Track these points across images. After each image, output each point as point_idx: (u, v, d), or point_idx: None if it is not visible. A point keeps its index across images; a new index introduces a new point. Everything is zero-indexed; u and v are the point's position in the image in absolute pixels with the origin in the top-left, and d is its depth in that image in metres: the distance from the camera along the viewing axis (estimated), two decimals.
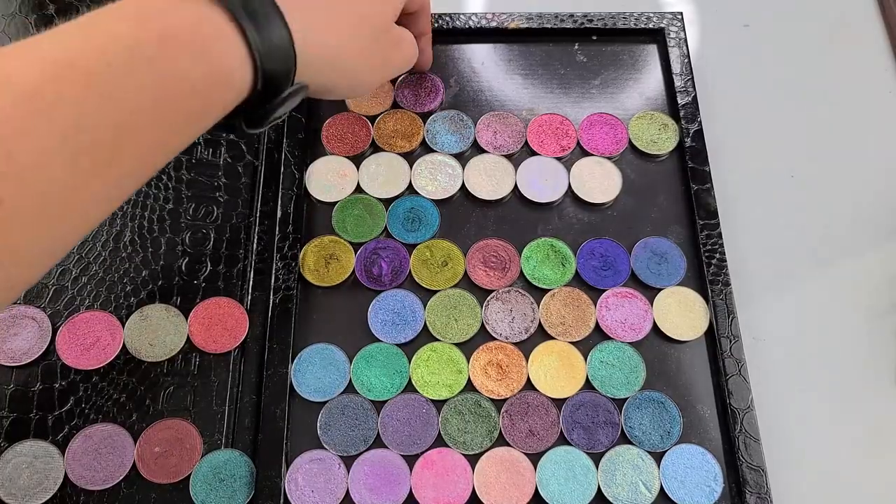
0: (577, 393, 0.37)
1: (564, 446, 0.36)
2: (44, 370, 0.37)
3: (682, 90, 0.44)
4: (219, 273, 0.40)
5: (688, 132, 0.43)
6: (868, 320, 0.41)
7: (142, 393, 0.37)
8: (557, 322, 0.39)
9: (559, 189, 0.43)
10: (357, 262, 0.40)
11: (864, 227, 0.43)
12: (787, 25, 0.50)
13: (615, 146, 0.44)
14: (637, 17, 0.47)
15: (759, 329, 0.41)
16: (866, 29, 0.50)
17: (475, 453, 0.36)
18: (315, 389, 0.38)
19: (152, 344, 0.38)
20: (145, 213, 0.41)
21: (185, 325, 0.38)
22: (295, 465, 0.36)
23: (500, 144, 0.44)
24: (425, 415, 0.37)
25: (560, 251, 0.41)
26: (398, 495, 0.35)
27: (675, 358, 0.39)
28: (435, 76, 0.46)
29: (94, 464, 0.35)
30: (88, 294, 0.39)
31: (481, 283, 0.40)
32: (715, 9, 0.51)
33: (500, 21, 0.47)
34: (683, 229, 0.42)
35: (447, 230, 0.42)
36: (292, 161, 0.42)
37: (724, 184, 0.44)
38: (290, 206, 0.41)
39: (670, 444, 0.36)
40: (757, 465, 0.35)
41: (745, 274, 0.42)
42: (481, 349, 0.38)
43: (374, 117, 0.45)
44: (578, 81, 0.46)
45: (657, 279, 0.40)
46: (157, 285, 0.39)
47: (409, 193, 0.43)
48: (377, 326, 0.39)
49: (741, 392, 0.37)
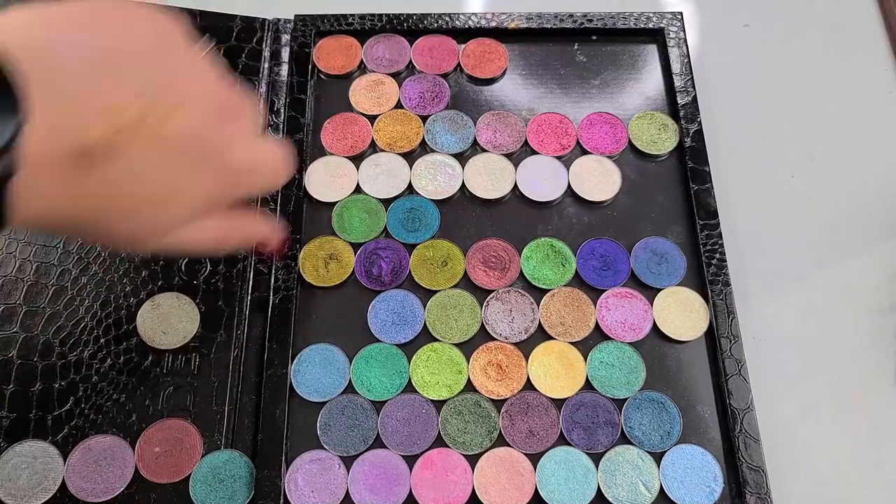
0: (577, 393, 0.37)
1: (564, 446, 0.36)
2: (43, 370, 0.37)
3: (682, 90, 0.44)
4: (219, 273, 0.40)
5: (688, 132, 0.43)
6: (868, 320, 0.41)
7: (142, 393, 0.37)
8: (557, 322, 0.39)
9: (559, 188, 0.43)
10: (357, 262, 0.40)
11: (864, 227, 0.43)
12: (787, 25, 0.50)
13: (615, 146, 0.44)
14: (637, 17, 0.47)
15: (759, 329, 0.40)
16: (866, 29, 0.50)
17: (475, 453, 0.36)
18: (315, 389, 0.38)
19: (165, 332, 0.38)
20: None
21: (197, 313, 0.38)
22: (295, 465, 0.36)
23: (499, 143, 0.44)
24: (425, 415, 0.37)
25: (560, 251, 0.41)
26: (398, 495, 0.35)
27: (675, 358, 0.39)
28: (441, 80, 0.46)
29: (95, 476, 0.35)
30: (88, 294, 0.39)
31: (481, 283, 0.40)
32: (715, 9, 0.51)
33: (500, 21, 0.47)
34: (683, 229, 0.42)
35: (447, 230, 0.42)
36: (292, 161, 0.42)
37: (724, 184, 0.44)
38: (290, 206, 0.41)
39: (670, 444, 0.36)
40: (757, 465, 0.35)
41: (745, 274, 0.42)
42: (481, 349, 0.38)
43: (374, 117, 0.45)
44: (578, 81, 0.46)
45: (657, 279, 0.40)
46: (157, 285, 0.39)
47: (409, 193, 0.43)
48: (377, 326, 0.39)
49: (741, 392, 0.37)
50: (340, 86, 0.46)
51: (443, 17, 0.47)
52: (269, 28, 0.47)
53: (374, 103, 0.45)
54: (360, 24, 0.47)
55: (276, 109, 0.44)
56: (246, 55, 0.46)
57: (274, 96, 0.45)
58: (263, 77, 0.45)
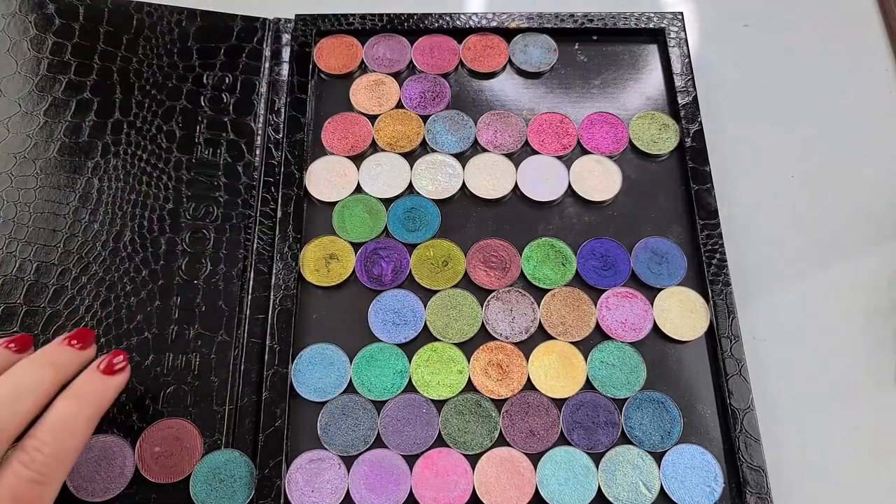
0: (578, 393, 0.37)
1: (565, 446, 0.36)
2: None
3: (683, 90, 0.44)
4: (218, 273, 0.40)
5: (688, 132, 0.43)
6: (868, 320, 0.41)
7: (142, 393, 0.37)
8: (558, 322, 0.39)
9: (559, 188, 0.43)
10: (357, 261, 0.40)
11: (864, 227, 0.43)
12: (787, 25, 0.50)
13: (615, 145, 0.44)
14: (637, 17, 0.47)
15: (759, 329, 0.41)
16: (866, 29, 0.50)
17: (475, 453, 0.36)
18: (315, 389, 0.37)
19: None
20: (145, 213, 0.41)
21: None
22: (295, 465, 0.36)
23: (500, 143, 0.44)
24: (425, 415, 0.37)
25: (560, 251, 0.41)
26: (398, 495, 0.35)
27: (675, 358, 0.39)
28: (442, 80, 0.46)
29: (94, 475, 0.35)
30: (88, 294, 0.39)
31: (482, 283, 0.40)
32: (715, 9, 0.51)
33: (500, 21, 0.47)
34: (683, 229, 0.42)
35: (447, 230, 0.42)
36: (292, 161, 0.42)
37: (724, 184, 0.44)
38: (290, 206, 0.41)
39: (670, 444, 0.36)
40: (757, 465, 0.35)
41: (745, 274, 0.42)
42: (481, 349, 0.38)
43: (375, 117, 0.45)
44: (579, 81, 0.46)
45: (657, 279, 0.40)
46: (158, 285, 0.39)
47: (410, 193, 0.43)
48: (377, 326, 0.39)
49: (741, 392, 0.37)
50: (341, 85, 0.46)
51: (443, 16, 0.47)
52: (269, 28, 0.47)
53: (374, 103, 0.45)
54: (361, 23, 0.47)
55: (277, 109, 0.44)
56: (247, 55, 0.46)
57: (275, 96, 0.45)
58: (264, 77, 0.45)
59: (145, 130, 0.43)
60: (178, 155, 0.43)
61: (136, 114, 0.43)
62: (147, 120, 0.43)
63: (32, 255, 0.39)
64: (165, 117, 0.44)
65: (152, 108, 0.44)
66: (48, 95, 0.43)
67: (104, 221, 0.41)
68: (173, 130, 0.43)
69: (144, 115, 0.43)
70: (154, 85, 0.44)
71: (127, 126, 0.43)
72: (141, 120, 0.43)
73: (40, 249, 0.40)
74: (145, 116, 0.43)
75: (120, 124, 0.43)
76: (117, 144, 0.43)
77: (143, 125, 0.43)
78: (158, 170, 0.42)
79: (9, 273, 0.39)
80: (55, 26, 0.45)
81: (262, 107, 0.44)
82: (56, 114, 0.43)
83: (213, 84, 0.45)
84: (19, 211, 0.40)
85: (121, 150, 0.42)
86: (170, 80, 0.45)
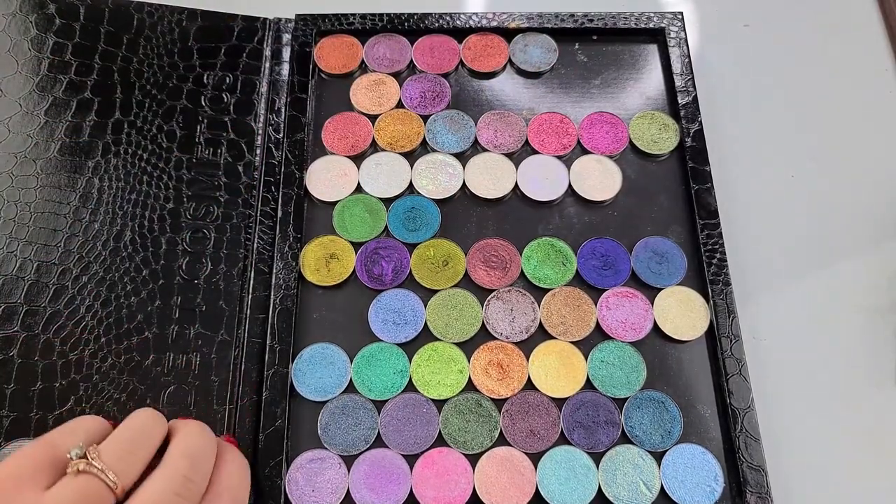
0: (578, 392, 0.37)
1: (565, 446, 0.36)
2: (44, 369, 0.37)
3: (683, 90, 0.44)
4: (219, 273, 0.40)
5: (688, 132, 0.43)
6: (868, 320, 0.41)
7: (142, 393, 0.37)
8: (558, 322, 0.39)
9: (560, 187, 0.43)
10: (358, 261, 0.40)
11: (864, 227, 0.44)
12: (787, 25, 0.50)
13: (615, 145, 0.44)
14: (637, 17, 0.47)
15: (759, 329, 0.41)
16: (866, 29, 0.50)
17: (475, 453, 0.36)
18: (315, 389, 0.38)
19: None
20: (145, 213, 0.41)
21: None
22: (295, 464, 0.36)
23: (500, 143, 0.44)
24: (426, 414, 0.37)
25: (561, 251, 0.41)
26: (398, 495, 0.35)
27: (675, 358, 0.39)
28: (442, 79, 0.46)
29: None
30: (89, 294, 0.39)
31: (482, 283, 0.40)
32: (715, 9, 0.51)
33: (500, 21, 0.47)
34: (684, 229, 0.42)
35: (448, 230, 0.42)
36: (292, 161, 0.42)
37: (724, 184, 0.44)
38: (290, 206, 0.41)
39: (671, 443, 0.36)
40: (757, 465, 0.35)
41: (745, 274, 0.42)
42: (482, 349, 0.38)
43: (375, 117, 0.45)
44: (579, 81, 0.46)
45: (657, 279, 0.40)
46: (158, 285, 0.39)
47: (410, 193, 0.43)
48: (378, 326, 0.39)
49: (741, 392, 0.37)
50: (341, 85, 0.46)
51: (443, 16, 0.47)
52: (270, 27, 0.47)
53: (374, 103, 0.45)
54: (361, 23, 0.47)
55: (277, 109, 0.44)
56: (247, 55, 0.46)
57: (275, 95, 0.45)
58: (264, 76, 0.45)
59: (146, 130, 0.43)
60: (178, 154, 0.43)
61: (137, 113, 0.43)
62: (147, 120, 0.43)
63: (33, 255, 0.39)
64: (166, 117, 0.44)
65: (153, 107, 0.44)
66: (49, 95, 0.43)
67: (105, 221, 0.41)
68: (174, 130, 0.43)
69: (145, 114, 0.44)
70: (154, 85, 0.44)
71: (127, 126, 0.43)
72: (141, 120, 0.43)
73: (41, 249, 0.40)
74: (146, 116, 0.43)
75: (120, 124, 0.43)
76: (118, 144, 0.43)
77: (143, 125, 0.43)
78: (159, 169, 0.42)
79: (9, 272, 0.39)
80: (56, 26, 0.45)
81: (262, 106, 0.44)
82: (57, 113, 0.43)
83: (214, 84, 0.45)
84: (20, 210, 0.40)
85: (121, 150, 0.42)
86: (170, 79, 0.45)
